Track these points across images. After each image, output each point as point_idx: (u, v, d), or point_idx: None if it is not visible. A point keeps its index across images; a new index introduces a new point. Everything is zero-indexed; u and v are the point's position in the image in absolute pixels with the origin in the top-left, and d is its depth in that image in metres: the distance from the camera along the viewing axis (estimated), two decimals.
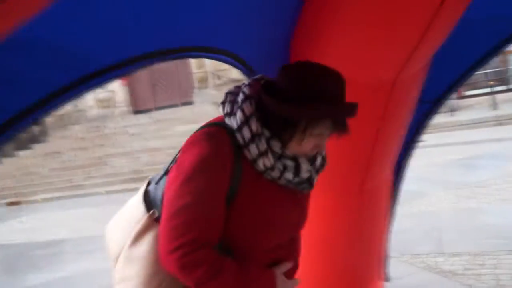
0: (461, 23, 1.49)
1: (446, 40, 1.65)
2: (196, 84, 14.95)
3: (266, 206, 1.17)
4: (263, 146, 1.13)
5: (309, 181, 1.24)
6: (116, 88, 14.89)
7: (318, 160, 1.26)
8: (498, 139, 8.85)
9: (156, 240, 1.15)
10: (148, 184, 1.29)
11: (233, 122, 1.15)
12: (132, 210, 1.26)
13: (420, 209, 5.47)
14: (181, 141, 1.23)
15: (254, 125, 1.13)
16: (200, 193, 1.08)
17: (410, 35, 1.40)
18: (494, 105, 12.83)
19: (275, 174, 1.15)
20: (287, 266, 1.23)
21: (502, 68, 14.70)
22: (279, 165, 1.15)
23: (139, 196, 1.27)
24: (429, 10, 1.30)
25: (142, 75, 14.87)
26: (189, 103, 14.71)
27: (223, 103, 1.20)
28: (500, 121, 11.06)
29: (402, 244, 3.91)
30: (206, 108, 13.09)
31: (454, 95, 14.55)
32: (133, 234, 1.20)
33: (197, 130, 1.19)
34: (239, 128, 1.13)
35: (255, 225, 1.16)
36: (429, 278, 3.51)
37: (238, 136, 1.14)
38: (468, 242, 4.07)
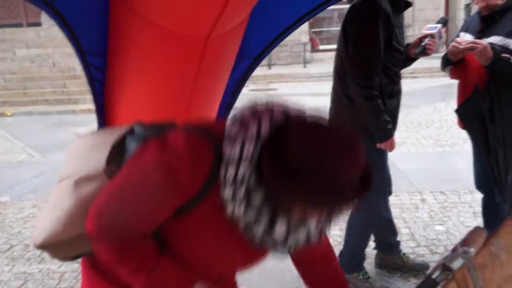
0: None
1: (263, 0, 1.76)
2: None
3: (208, 240, 1.06)
4: (240, 194, 0.95)
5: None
6: None
7: (301, 233, 1.05)
8: None
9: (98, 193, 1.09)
10: (131, 131, 1.21)
11: (227, 146, 0.98)
12: (100, 144, 1.21)
13: None
14: (22, 66, 1.11)
15: (243, 170, 0.94)
16: (146, 196, 1.01)
17: None
18: None
19: (240, 222, 0.99)
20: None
21: None
22: (250, 215, 0.97)
23: (115, 135, 1.21)
24: None
25: None
26: (37, 24, 13.09)
27: (233, 117, 1.02)
28: None
29: None
30: (56, 32, 11.83)
31: (310, 48, 15.60)
32: (84, 173, 1.17)
33: (185, 127, 1.06)
34: (227, 161, 0.97)
35: (189, 251, 1.08)
36: None
37: (223, 164, 0.97)
38: None
